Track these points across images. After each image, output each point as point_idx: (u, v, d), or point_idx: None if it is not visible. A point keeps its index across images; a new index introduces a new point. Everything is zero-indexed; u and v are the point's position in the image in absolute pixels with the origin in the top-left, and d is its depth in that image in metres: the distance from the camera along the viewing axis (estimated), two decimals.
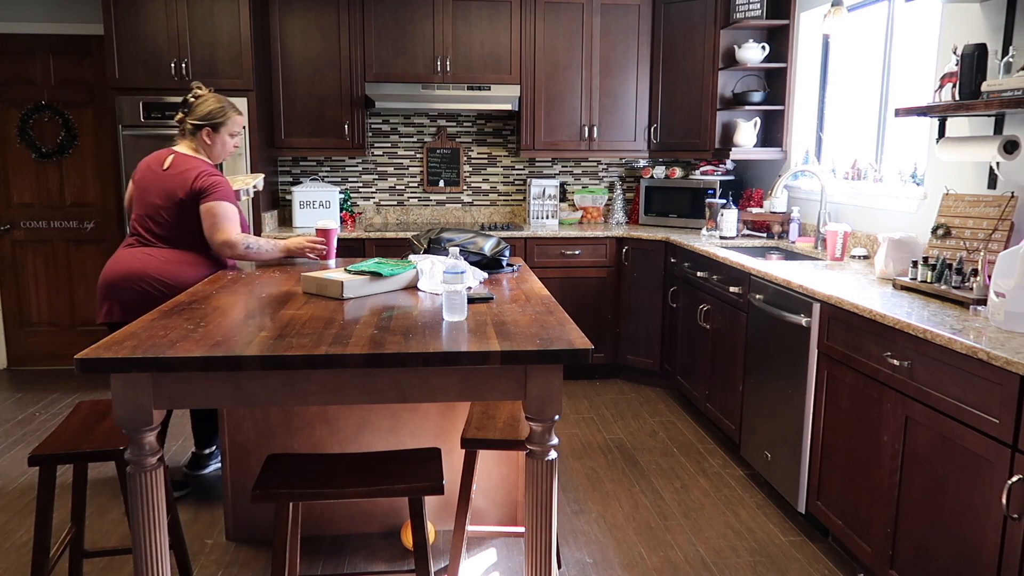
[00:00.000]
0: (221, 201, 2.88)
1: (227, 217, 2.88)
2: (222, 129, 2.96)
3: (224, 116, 2.96)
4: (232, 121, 2.98)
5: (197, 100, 2.96)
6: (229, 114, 2.97)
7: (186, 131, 2.99)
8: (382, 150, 5.24)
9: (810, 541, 2.92)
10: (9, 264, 5.05)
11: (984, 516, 1.97)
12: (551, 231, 4.85)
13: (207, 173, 2.91)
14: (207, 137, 2.95)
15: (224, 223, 2.87)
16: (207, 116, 2.95)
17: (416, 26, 4.77)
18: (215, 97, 2.99)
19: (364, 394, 1.85)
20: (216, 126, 2.95)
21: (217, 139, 2.96)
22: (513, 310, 2.27)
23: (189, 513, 3.10)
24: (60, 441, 2.16)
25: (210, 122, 2.94)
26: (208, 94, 3.00)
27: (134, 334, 1.93)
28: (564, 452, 3.75)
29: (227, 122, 2.96)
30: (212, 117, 2.95)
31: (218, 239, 2.87)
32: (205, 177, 2.89)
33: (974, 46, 2.66)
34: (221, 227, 2.86)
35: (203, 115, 2.95)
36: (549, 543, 1.94)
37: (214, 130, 2.95)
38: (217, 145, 2.98)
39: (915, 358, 2.24)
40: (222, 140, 2.97)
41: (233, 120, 2.99)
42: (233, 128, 2.99)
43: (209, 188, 2.87)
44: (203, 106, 2.95)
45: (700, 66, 4.76)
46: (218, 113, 2.95)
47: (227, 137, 2.99)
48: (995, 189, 2.81)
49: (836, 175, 4.09)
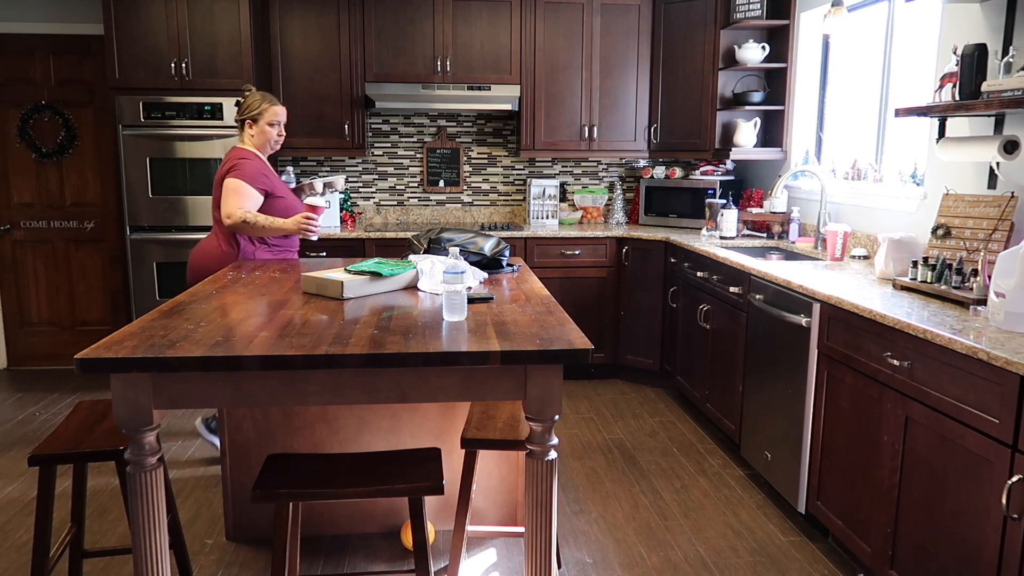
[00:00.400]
0: (233, 178, 3.19)
1: (234, 192, 3.17)
2: (260, 120, 3.30)
3: (259, 108, 3.30)
4: (268, 112, 3.30)
5: (244, 99, 3.36)
6: (263, 106, 3.30)
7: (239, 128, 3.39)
8: (382, 150, 5.24)
9: (810, 541, 2.92)
10: (9, 264, 5.05)
11: (984, 516, 1.97)
12: (551, 231, 4.85)
13: (234, 157, 3.26)
14: (250, 129, 3.33)
15: (229, 197, 3.17)
16: (246, 111, 3.32)
17: (416, 26, 4.77)
18: (255, 94, 3.35)
19: (364, 394, 1.85)
20: (255, 118, 3.30)
21: (258, 129, 3.31)
22: (513, 310, 2.27)
23: (189, 513, 3.10)
24: (60, 441, 2.16)
25: (249, 115, 3.31)
26: (252, 92, 3.37)
27: (134, 334, 1.93)
28: (564, 452, 3.75)
29: (263, 113, 3.29)
30: (249, 111, 3.31)
31: (222, 211, 3.20)
32: (230, 161, 3.26)
33: (974, 46, 2.66)
34: (225, 200, 3.18)
35: (244, 111, 3.33)
36: (549, 543, 1.93)
37: (254, 122, 3.31)
38: (259, 135, 3.31)
39: (915, 358, 2.24)
40: (262, 130, 3.31)
41: (269, 111, 3.30)
42: (270, 118, 3.30)
43: (230, 169, 3.22)
44: (245, 103, 3.34)
45: (700, 66, 4.76)
46: (255, 105, 3.30)
47: (266, 127, 3.31)
48: (995, 189, 2.81)
49: (836, 175, 4.09)
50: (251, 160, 3.25)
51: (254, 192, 3.20)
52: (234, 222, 3.15)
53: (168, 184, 4.49)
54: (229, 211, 3.15)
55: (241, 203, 3.15)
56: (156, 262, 4.55)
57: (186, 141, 4.46)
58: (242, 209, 3.15)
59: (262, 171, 3.26)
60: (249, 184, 3.18)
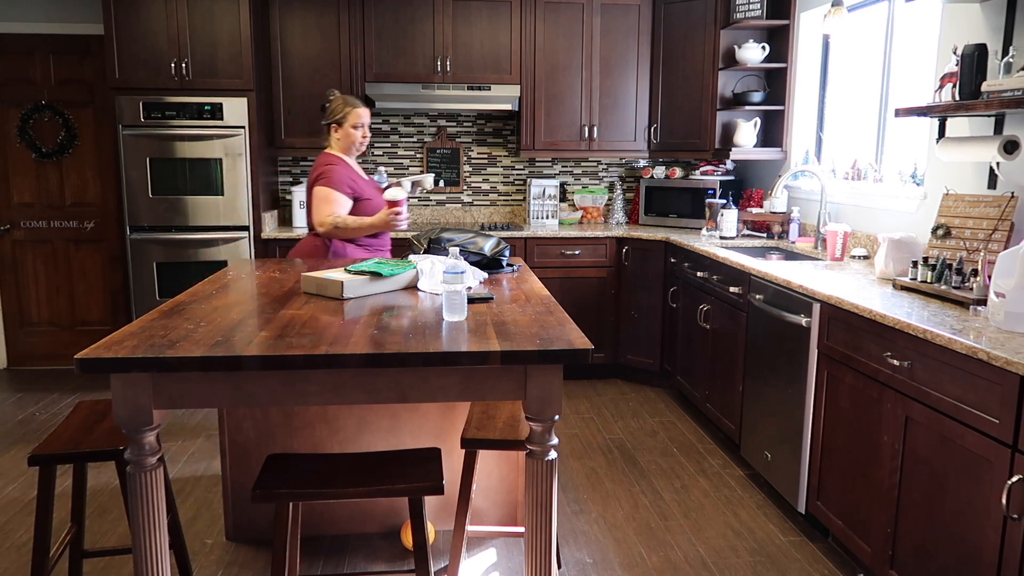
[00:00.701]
0: (321, 187, 3.26)
1: (324, 199, 3.25)
2: (345, 123, 3.35)
3: (341, 112, 3.35)
4: (351, 115, 3.35)
5: (329, 104, 3.42)
6: (346, 110, 3.35)
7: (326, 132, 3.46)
8: (382, 150, 5.24)
9: (810, 541, 2.92)
10: (9, 264, 5.05)
11: (984, 516, 1.97)
12: (551, 231, 4.85)
13: (322, 164, 3.34)
14: (335, 132, 3.38)
15: (319, 205, 3.26)
16: (330, 115, 3.39)
17: (416, 26, 4.77)
18: (338, 98, 3.40)
19: (364, 394, 1.85)
20: (339, 122, 3.36)
21: (343, 133, 3.37)
22: (513, 310, 2.27)
23: (189, 513, 3.10)
24: (60, 441, 2.16)
25: (333, 120, 3.37)
26: (336, 97, 3.42)
27: (134, 334, 1.93)
28: (564, 452, 3.75)
29: (347, 116, 3.35)
30: (333, 115, 3.37)
31: (315, 219, 3.29)
32: (318, 168, 3.34)
33: (974, 46, 2.66)
34: (316, 209, 3.28)
35: (328, 115, 3.40)
36: (549, 543, 1.93)
37: (339, 125, 3.37)
38: (345, 139, 3.37)
39: (915, 358, 2.24)
40: (347, 133, 3.36)
41: (352, 114, 3.35)
42: (354, 121, 3.36)
43: (317, 176, 3.30)
44: (329, 108, 3.41)
45: (700, 66, 4.76)
46: (338, 110, 3.37)
47: (351, 129, 3.36)
48: (995, 189, 2.81)
49: (836, 175, 4.09)
50: (337, 166, 3.32)
51: (343, 197, 3.27)
52: (326, 229, 3.24)
53: (168, 184, 4.49)
54: (320, 219, 3.24)
55: (331, 210, 3.24)
56: (156, 262, 4.55)
57: (186, 141, 4.46)
58: (332, 215, 3.23)
59: (348, 176, 3.33)
60: (337, 190, 3.25)
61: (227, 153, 4.49)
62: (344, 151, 3.40)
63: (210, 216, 4.54)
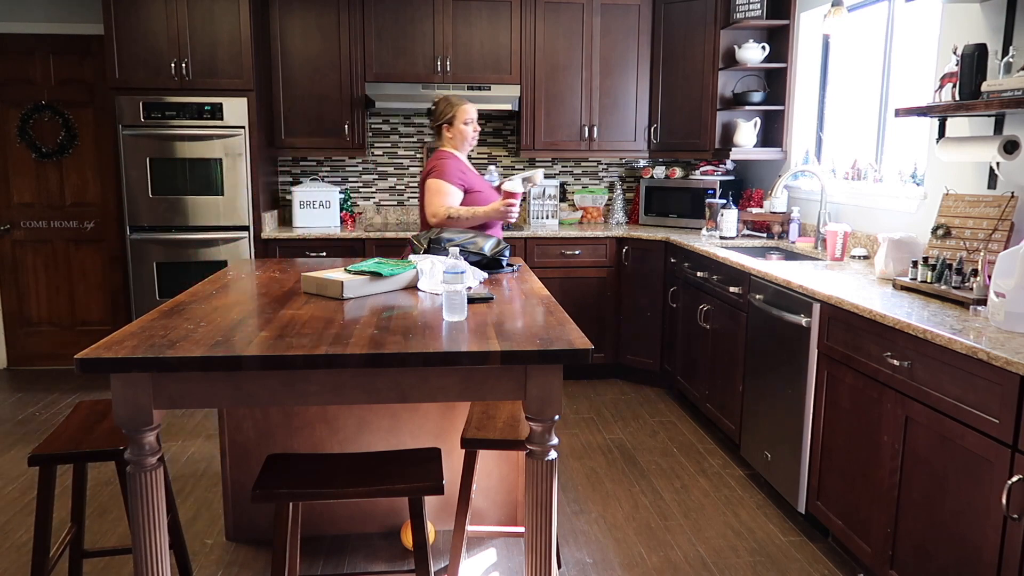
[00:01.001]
0: (433, 179, 3.32)
1: (436, 191, 3.31)
2: (455, 121, 3.41)
3: (452, 111, 3.41)
4: (460, 111, 3.41)
5: (436, 106, 3.49)
6: (455, 107, 3.42)
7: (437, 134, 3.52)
8: (382, 150, 5.24)
9: (810, 541, 2.92)
10: (9, 264, 5.05)
11: (984, 516, 1.97)
12: (551, 231, 4.85)
13: (434, 159, 3.41)
14: (448, 132, 3.45)
15: (432, 197, 3.31)
16: (439, 116, 3.45)
17: (416, 26, 4.77)
18: (443, 100, 3.48)
19: (364, 394, 1.85)
20: (450, 121, 3.42)
21: (455, 131, 3.42)
22: (513, 310, 2.27)
23: (189, 513, 3.10)
24: (60, 441, 2.16)
25: (444, 120, 3.43)
26: (442, 98, 3.50)
27: (134, 334, 1.93)
28: (564, 452, 3.75)
29: (456, 114, 3.41)
30: (443, 115, 3.44)
31: (428, 210, 3.33)
32: (431, 163, 3.41)
33: (974, 46, 2.66)
34: (429, 200, 3.33)
35: (437, 116, 3.46)
36: (549, 543, 1.94)
37: (450, 124, 3.42)
38: (457, 136, 3.43)
39: (915, 358, 2.24)
40: (459, 130, 3.42)
41: (461, 111, 3.41)
42: (463, 117, 3.41)
43: (430, 170, 3.37)
44: (437, 110, 3.47)
45: (700, 66, 4.76)
46: (447, 110, 3.43)
47: (462, 126, 3.42)
48: (995, 189, 2.81)
49: (836, 175, 4.09)
50: (449, 160, 3.37)
51: (454, 188, 3.32)
52: (440, 219, 3.29)
53: (168, 184, 4.49)
54: (433, 210, 3.29)
55: (443, 201, 3.29)
56: (156, 262, 4.55)
57: (186, 141, 4.46)
58: (445, 206, 3.28)
59: (459, 168, 3.38)
60: (448, 182, 3.31)
61: (227, 153, 4.49)
62: (457, 148, 3.46)
63: (210, 216, 4.54)
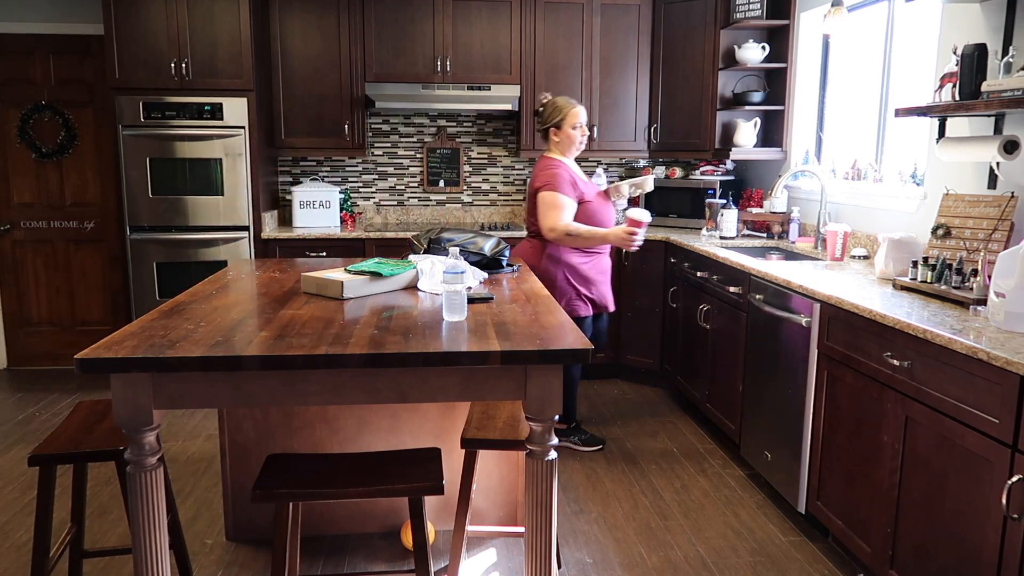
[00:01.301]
0: (547, 192, 3.34)
1: (552, 206, 3.33)
2: (563, 125, 3.41)
3: (560, 115, 3.41)
4: (569, 115, 3.40)
5: (542, 108, 3.48)
6: (563, 111, 3.40)
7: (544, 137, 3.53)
8: (382, 150, 5.24)
9: (810, 541, 2.92)
10: (9, 264, 5.05)
11: (984, 516, 1.97)
12: None
13: (544, 168, 3.43)
14: (555, 135, 3.44)
15: (548, 211, 3.33)
16: (547, 119, 3.45)
17: (416, 26, 4.77)
18: (552, 101, 3.45)
19: (364, 394, 1.85)
20: (558, 124, 3.42)
21: (563, 135, 3.43)
22: (513, 310, 2.27)
23: (189, 513, 3.10)
24: (60, 441, 2.16)
25: (551, 123, 3.44)
26: (549, 100, 3.47)
27: (134, 334, 1.93)
28: (564, 452, 3.75)
29: (565, 117, 3.40)
30: (550, 119, 3.44)
31: (544, 224, 3.36)
32: (542, 173, 3.41)
33: (974, 46, 2.66)
34: (545, 215, 3.35)
35: (545, 119, 3.45)
36: (549, 543, 1.94)
37: (558, 128, 3.43)
38: (564, 140, 3.44)
39: (915, 358, 2.24)
40: (566, 134, 3.43)
41: (569, 114, 3.40)
42: (572, 121, 3.41)
43: (544, 183, 3.36)
44: (544, 112, 3.46)
45: (700, 66, 4.76)
46: (554, 114, 3.43)
47: (570, 130, 3.42)
48: (995, 189, 2.81)
49: (836, 175, 4.09)
50: (560, 170, 3.38)
51: (569, 201, 3.34)
52: (558, 235, 3.33)
53: (168, 184, 4.49)
54: (551, 224, 3.32)
55: (561, 215, 3.31)
56: (156, 262, 4.55)
57: (186, 141, 4.46)
58: (564, 222, 3.31)
59: (571, 179, 3.39)
60: (564, 195, 3.32)
61: (227, 153, 4.49)
62: (564, 153, 3.46)
63: (210, 216, 4.54)
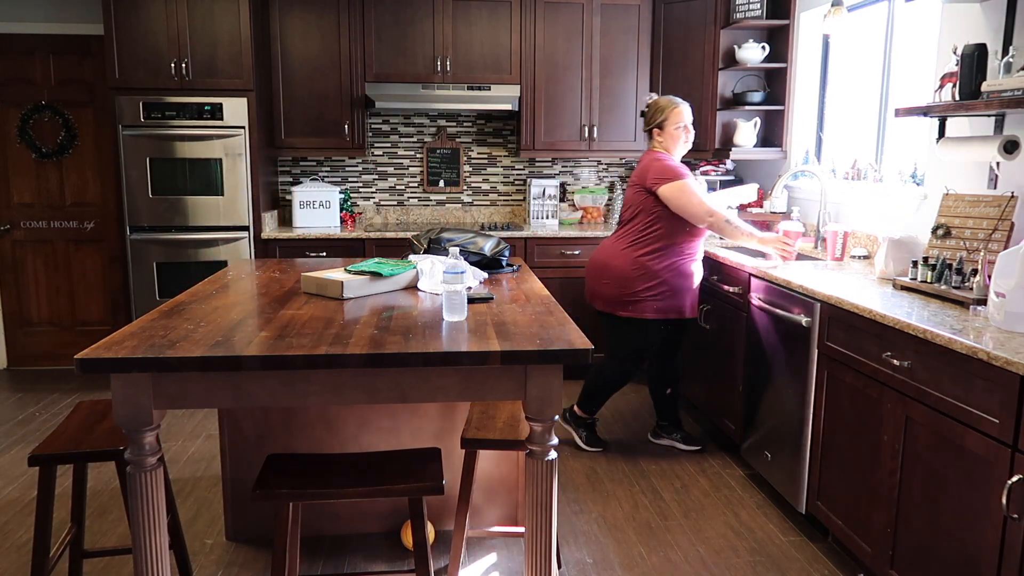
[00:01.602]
0: (679, 181, 3.27)
1: (692, 191, 3.27)
2: (666, 125, 3.38)
3: (662, 115, 3.39)
4: (673, 115, 3.37)
5: (647, 109, 3.46)
6: (667, 112, 3.38)
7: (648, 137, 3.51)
8: (382, 150, 5.24)
9: (810, 541, 2.92)
10: (9, 264, 5.05)
11: (984, 516, 1.97)
12: (551, 231, 4.85)
13: (657, 163, 3.35)
14: (658, 136, 3.42)
15: (691, 198, 3.26)
16: (649, 121, 3.43)
17: (416, 26, 4.77)
18: (655, 102, 3.42)
19: (364, 394, 1.85)
20: (660, 125, 3.40)
21: (666, 135, 3.40)
22: (513, 310, 2.27)
23: (189, 513, 3.10)
24: (60, 441, 2.16)
25: (654, 124, 3.42)
26: (654, 101, 3.45)
27: (134, 334, 1.93)
28: (564, 452, 3.75)
29: (669, 117, 3.37)
30: (652, 120, 3.43)
31: (698, 210, 3.26)
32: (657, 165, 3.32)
33: (974, 46, 2.66)
34: (688, 202, 3.26)
35: (648, 121, 3.44)
36: (549, 543, 1.94)
37: (660, 129, 3.41)
38: (668, 140, 3.41)
39: (915, 358, 2.24)
40: (669, 134, 3.40)
41: (673, 114, 3.37)
42: (675, 121, 3.38)
43: (663, 174, 3.29)
44: (648, 113, 3.44)
45: (700, 66, 4.76)
46: (656, 115, 3.41)
47: (672, 130, 3.38)
48: (995, 189, 2.81)
49: (836, 175, 4.08)
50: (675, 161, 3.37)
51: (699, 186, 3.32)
52: (718, 220, 3.26)
53: (168, 184, 4.49)
54: (709, 210, 3.25)
55: (705, 199, 3.27)
56: (156, 262, 4.55)
57: (186, 141, 4.46)
58: (718, 208, 3.26)
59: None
60: (692, 179, 3.29)
61: (227, 153, 4.49)
62: (673, 152, 3.44)
63: (210, 216, 4.54)
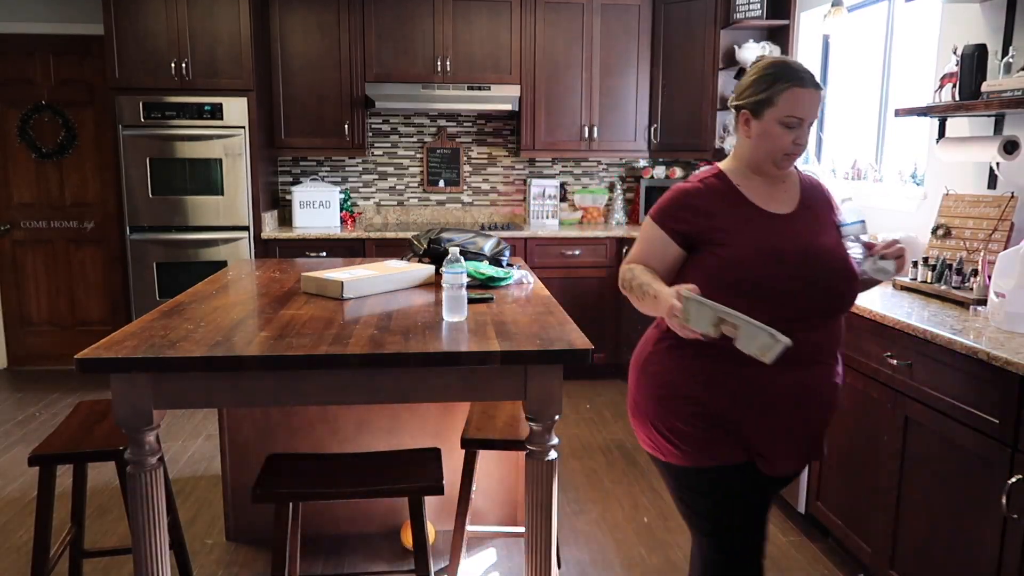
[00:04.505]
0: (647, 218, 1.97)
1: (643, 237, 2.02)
2: (766, 112, 1.70)
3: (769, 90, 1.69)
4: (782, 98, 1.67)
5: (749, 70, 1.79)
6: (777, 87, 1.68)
7: None
8: (382, 150, 5.24)
9: (810, 541, 2.92)
10: (9, 264, 5.05)
11: (984, 516, 1.97)
12: (551, 231, 4.85)
13: None
14: (744, 124, 1.75)
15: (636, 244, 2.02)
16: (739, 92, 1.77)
17: (416, 26, 4.77)
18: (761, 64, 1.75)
19: (364, 394, 1.85)
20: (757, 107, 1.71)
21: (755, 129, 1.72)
22: (513, 310, 2.27)
23: (189, 513, 3.10)
24: (60, 441, 2.16)
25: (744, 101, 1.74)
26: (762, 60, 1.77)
27: (134, 334, 1.92)
28: (564, 452, 3.75)
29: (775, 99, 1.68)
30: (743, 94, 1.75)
31: None
32: None
33: (974, 46, 2.66)
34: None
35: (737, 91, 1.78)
36: (549, 543, 1.93)
37: (753, 114, 1.72)
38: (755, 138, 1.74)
39: (915, 358, 2.24)
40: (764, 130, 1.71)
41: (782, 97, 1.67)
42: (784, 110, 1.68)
43: None
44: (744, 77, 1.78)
45: (700, 66, 4.76)
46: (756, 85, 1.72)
47: (775, 127, 1.69)
48: (995, 189, 2.81)
49: (836, 175, 4.08)
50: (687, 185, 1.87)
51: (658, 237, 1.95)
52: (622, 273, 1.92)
53: (168, 184, 4.49)
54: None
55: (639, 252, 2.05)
56: (156, 262, 4.55)
57: (186, 141, 4.46)
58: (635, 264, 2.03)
59: None
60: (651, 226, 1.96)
61: (227, 153, 4.49)
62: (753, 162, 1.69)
63: (210, 216, 4.54)
